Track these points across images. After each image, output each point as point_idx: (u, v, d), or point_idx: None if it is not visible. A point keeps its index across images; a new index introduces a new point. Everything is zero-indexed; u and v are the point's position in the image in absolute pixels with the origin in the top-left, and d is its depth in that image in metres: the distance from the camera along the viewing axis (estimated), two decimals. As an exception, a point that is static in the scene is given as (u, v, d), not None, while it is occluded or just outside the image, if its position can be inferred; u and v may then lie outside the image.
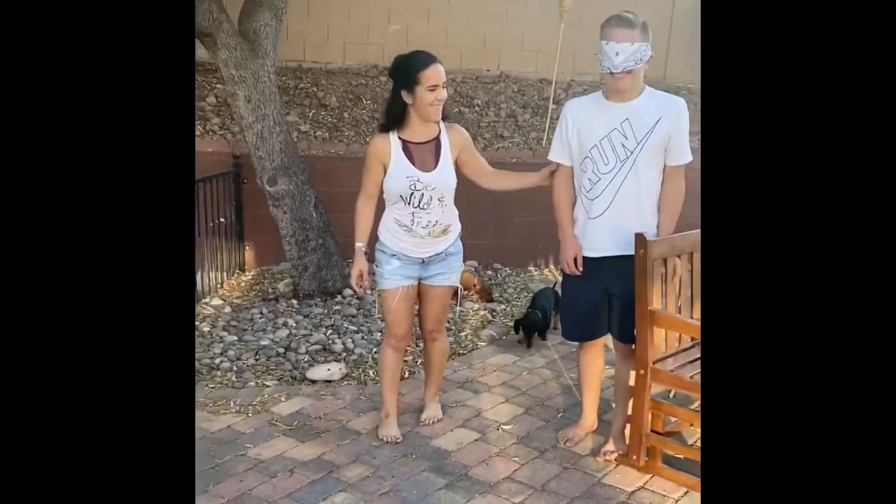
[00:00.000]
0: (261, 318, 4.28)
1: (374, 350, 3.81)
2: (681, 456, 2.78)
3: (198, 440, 2.86)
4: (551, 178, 2.80)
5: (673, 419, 2.83)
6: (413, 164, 2.72)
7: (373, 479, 2.64)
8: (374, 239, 2.91)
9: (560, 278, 2.95)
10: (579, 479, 2.68)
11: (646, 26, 2.55)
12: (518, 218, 5.44)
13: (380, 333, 4.02)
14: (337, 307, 4.43)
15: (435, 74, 2.64)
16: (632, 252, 2.59)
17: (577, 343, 2.95)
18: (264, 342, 3.88)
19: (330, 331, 4.06)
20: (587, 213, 2.69)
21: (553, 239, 2.92)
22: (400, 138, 2.74)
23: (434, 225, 2.77)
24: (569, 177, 2.75)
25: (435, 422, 3.07)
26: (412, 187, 2.71)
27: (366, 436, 2.97)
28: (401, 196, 2.73)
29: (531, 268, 5.55)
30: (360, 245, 2.84)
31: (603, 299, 2.74)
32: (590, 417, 2.97)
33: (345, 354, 3.79)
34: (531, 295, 4.40)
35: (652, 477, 2.68)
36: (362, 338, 4.00)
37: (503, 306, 4.60)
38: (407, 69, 2.67)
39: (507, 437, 2.99)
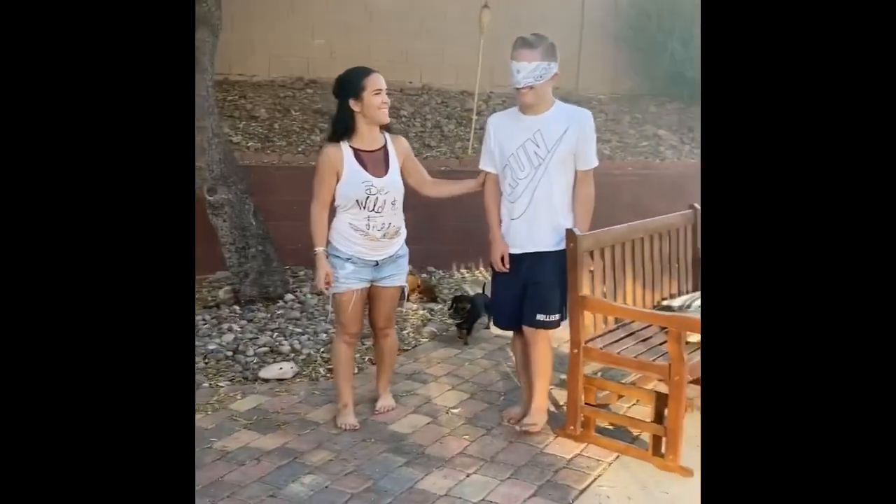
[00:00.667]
0: (204, 324, 4.38)
1: (322, 350, 4.00)
2: (611, 426, 3.13)
3: (162, 438, 2.99)
4: (482, 184, 3.12)
5: (602, 393, 3.16)
6: (366, 169, 2.96)
7: (336, 462, 2.85)
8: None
9: (489, 277, 3.26)
10: (524, 450, 2.97)
11: (551, 47, 2.88)
12: (449, 223, 5.73)
13: (325, 334, 4.22)
14: (280, 311, 4.58)
15: (378, 80, 2.97)
16: (547, 249, 2.95)
17: (510, 335, 3.25)
18: (211, 346, 4.00)
19: (276, 333, 4.22)
20: (510, 215, 3.02)
21: (481, 243, 3.23)
22: (351, 147, 2.98)
23: (388, 227, 3.01)
24: (496, 183, 3.09)
25: (389, 410, 3.30)
26: (367, 192, 2.94)
27: (324, 426, 3.17)
28: (357, 201, 2.95)
29: (463, 270, 5.85)
30: (321, 249, 3.03)
31: (516, 294, 3.05)
32: (526, 395, 3.21)
33: (293, 355, 3.96)
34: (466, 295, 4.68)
35: (587, 445, 3.00)
36: (308, 339, 4.18)
37: (440, 306, 4.87)
38: (352, 81, 2.97)
39: (456, 419, 3.26)
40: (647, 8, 7.78)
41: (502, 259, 3.05)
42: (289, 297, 4.80)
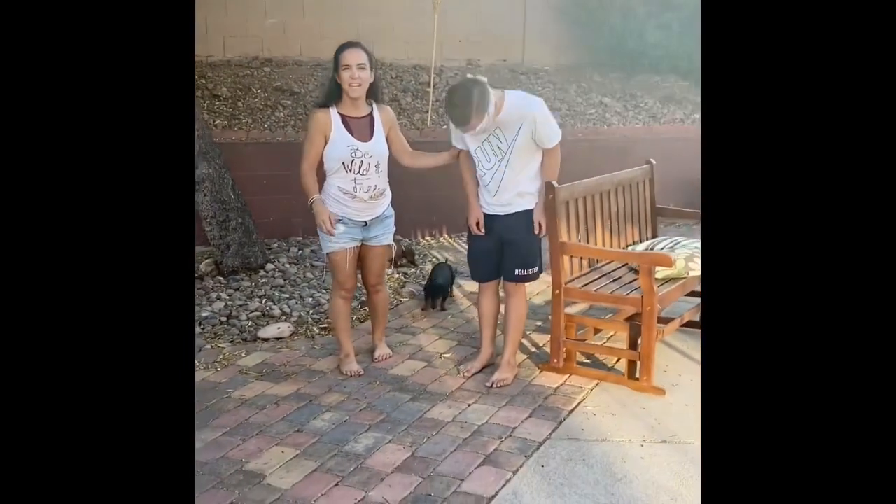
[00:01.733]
0: (192, 295, 4.58)
1: (311, 311, 4.26)
2: (588, 361, 3.51)
3: (179, 393, 3.21)
4: (457, 157, 3.36)
5: (581, 330, 3.53)
6: (352, 134, 3.21)
7: (349, 401, 3.14)
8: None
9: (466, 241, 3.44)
10: (515, 383, 3.31)
11: (476, 100, 2.92)
12: (414, 193, 6.00)
13: (311, 298, 4.47)
14: (263, 280, 4.80)
15: (346, 56, 3.14)
16: (517, 209, 3.19)
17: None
18: (204, 314, 4.21)
19: (265, 299, 4.45)
20: (482, 184, 3.26)
21: (445, 211, 3.48)
22: (339, 113, 3.22)
23: (374, 189, 3.27)
24: (467, 157, 3.30)
25: (387, 357, 3.59)
26: (353, 155, 3.19)
27: (330, 373, 3.45)
28: (343, 163, 3.19)
29: (428, 237, 6.15)
30: (317, 195, 3.24)
31: (497, 246, 3.31)
32: (487, 350, 3.46)
33: (284, 317, 4.21)
34: (432, 266, 4.92)
35: (570, 376, 3.37)
36: (296, 303, 4.42)
37: (413, 269, 5.18)
38: (335, 55, 3.19)
39: (449, 362, 3.58)
40: (587, -18, 8.16)
41: (478, 224, 3.30)
42: (269, 266, 5.02)
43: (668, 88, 8.14)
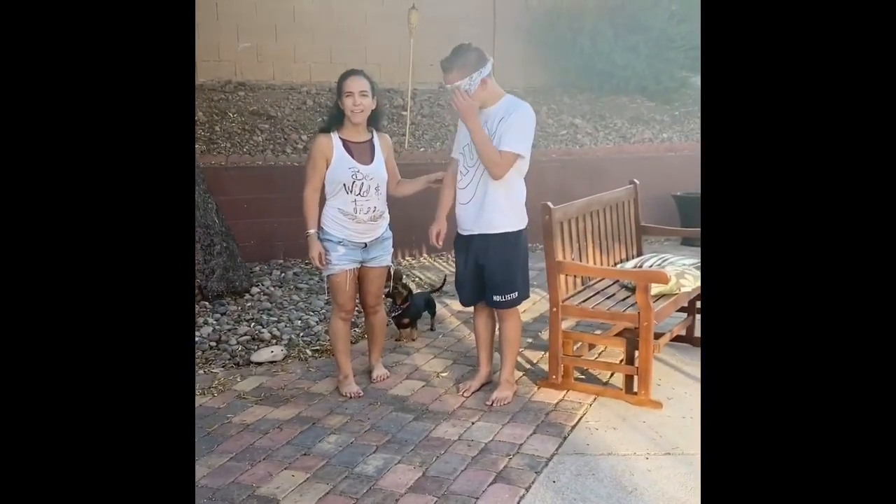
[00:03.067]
0: (178, 320, 4.52)
1: (302, 334, 4.25)
2: (583, 376, 3.57)
3: (178, 420, 3.18)
4: (430, 183, 3.43)
5: (576, 345, 3.60)
6: (353, 157, 3.26)
7: (353, 423, 3.15)
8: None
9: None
10: (515, 400, 3.35)
11: (472, 60, 3.02)
12: (393, 213, 6.02)
13: (299, 321, 4.46)
14: (249, 304, 4.77)
15: (350, 84, 3.21)
16: (491, 231, 3.18)
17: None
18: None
19: (253, 323, 4.42)
20: (460, 200, 3.29)
21: (423, 232, 3.50)
22: (340, 137, 3.27)
23: (373, 211, 3.32)
24: (453, 177, 3.33)
25: (385, 378, 3.61)
26: (353, 177, 3.24)
27: (329, 395, 3.45)
28: (344, 185, 3.24)
29: (408, 257, 6.19)
30: (313, 231, 3.29)
31: (477, 270, 3.32)
32: (484, 369, 3.49)
33: (275, 341, 4.19)
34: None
35: (568, 391, 3.43)
36: (285, 325, 4.41)
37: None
38: (338, 83, 3.28)
39: (447, 381, 3.61)
40: (555, 6, 8.35)
41: (438, 236, 3.35)
42: (254, 290, 5.00)
43: (636, 108, 8.35)
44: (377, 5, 7.89)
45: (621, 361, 3.43)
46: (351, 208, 3.27)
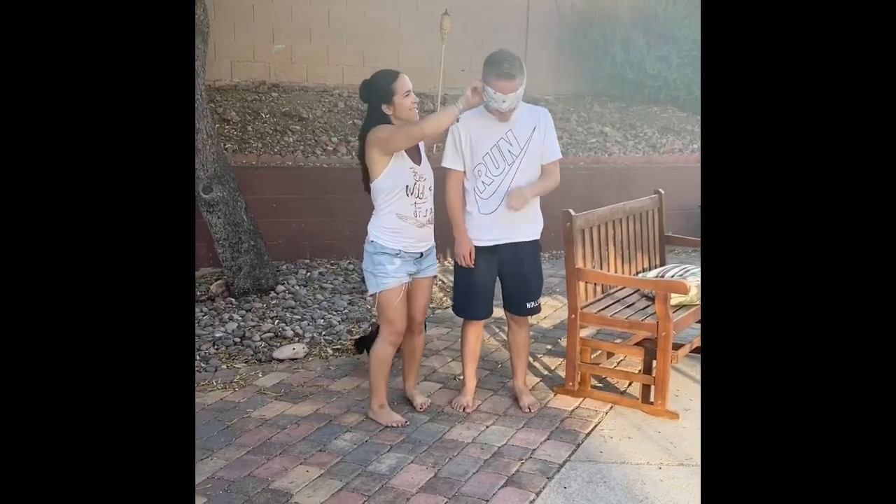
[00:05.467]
0: (204, 315, 4.61)
1: (324, 333, 4.31)
2: (600, 384, 3.57)
3: (198, 411, 3.26)
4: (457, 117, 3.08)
5: (594, 353, 3.60)
6: (408, 157, 3.09)
7: (369, 422, 3.19)
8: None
9: (453, 266, 3.36)
10: (531, 405, 3.37)
11: (522, 67, 2.94)
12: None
13: (322, 320, 4.52)
14: (274, 302, 4.85)
15: (406, 82, 3.01)
16: (523, 239, 3.19)
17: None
18: (218, 334, 4.25)
19: (277, 321, 4.50)
20: (481, 210, 3.18)
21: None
22: None
23: (430, 212, 3.14)
24: (461, 181, 3.18)
25: (428, 405, 3.35)
26: (414, 176, 3.07)
27: (347, 394, 3.49)
28: (406, 186, 3.02)
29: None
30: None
31: (493, 283, 3.27)
32: (471, 384, 3.39)
33: (297, 338, 4.25)
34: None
35: (584, 399, 3.43)
36: (308, 324, 4.47)
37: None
38: (380, 87, 3.01)
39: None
40: (588, 14, 8.34)
41: (470, 254, 3.18)
42: (280, 288, 5.07)
43: (667, 119, 8.30)
44: (411, 10, 7.96)
45: (639, 371, 3.43)
46: (411, 211, 3.05)
